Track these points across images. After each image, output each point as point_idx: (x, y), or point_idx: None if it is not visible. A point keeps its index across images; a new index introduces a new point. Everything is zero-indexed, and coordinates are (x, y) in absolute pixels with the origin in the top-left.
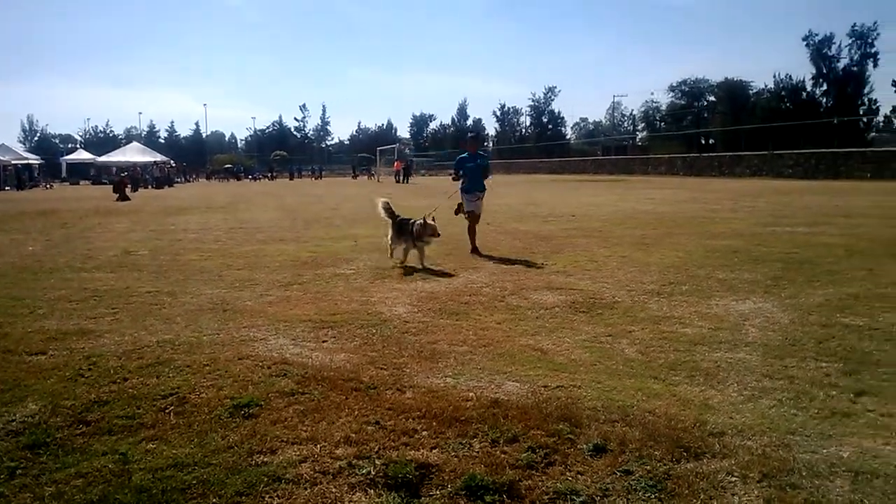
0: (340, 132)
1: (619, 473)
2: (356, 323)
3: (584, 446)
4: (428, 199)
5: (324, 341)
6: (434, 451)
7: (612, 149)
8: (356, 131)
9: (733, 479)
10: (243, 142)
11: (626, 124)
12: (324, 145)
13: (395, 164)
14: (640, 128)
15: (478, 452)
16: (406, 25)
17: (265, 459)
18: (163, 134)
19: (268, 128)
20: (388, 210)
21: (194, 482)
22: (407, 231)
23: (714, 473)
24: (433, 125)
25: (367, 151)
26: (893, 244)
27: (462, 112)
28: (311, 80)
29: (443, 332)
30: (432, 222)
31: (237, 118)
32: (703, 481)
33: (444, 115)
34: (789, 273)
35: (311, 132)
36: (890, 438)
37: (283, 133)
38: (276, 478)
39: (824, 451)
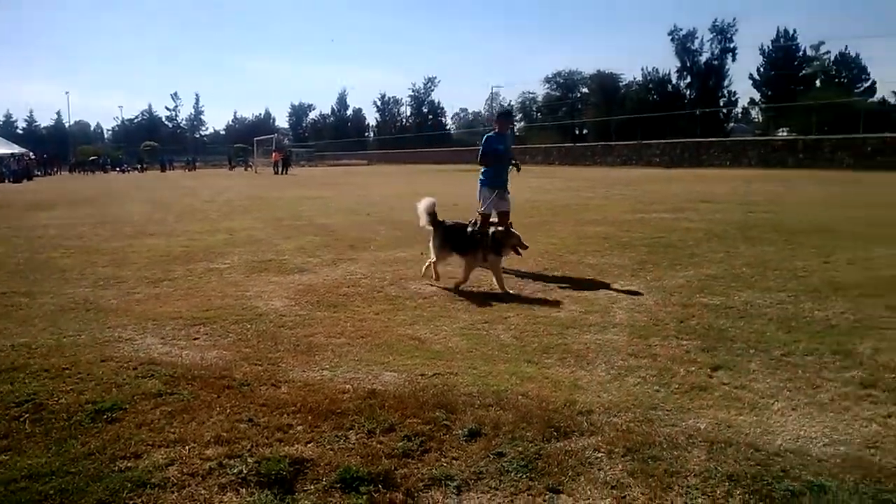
0: (216, 122)
1: (492, 456)
2: (230, 319)
3: (460, 432)
4: (310, 190)
5: (195, 339)
6: (309, 445)
7: None
8: (232, 121)
9: (599, 454)
10: (110, 132)
11: None
12: (198, 135)
13: (274, 154)
14: (517, 118)
15: (354, 444)
16: (284, 12)
17: (129, 465)
18: (21, 124)
19: (136, 117)
20: (432, 214)
21: (52, 493)
22: (469, 241)
23: (582, 450)
24: (313, 115)
25: (244, 142)
26: (748, 228)
27: (342, 102)
28: (184, 68)
29: (320, 324)
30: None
31: (105, 108)
32: (572, 458)
33: (323, 105)
34: (654, 257)
35: (183, 122)
36: (742, 409)
37: (153, 123)
38: (140, 483)
39: (683, 423)
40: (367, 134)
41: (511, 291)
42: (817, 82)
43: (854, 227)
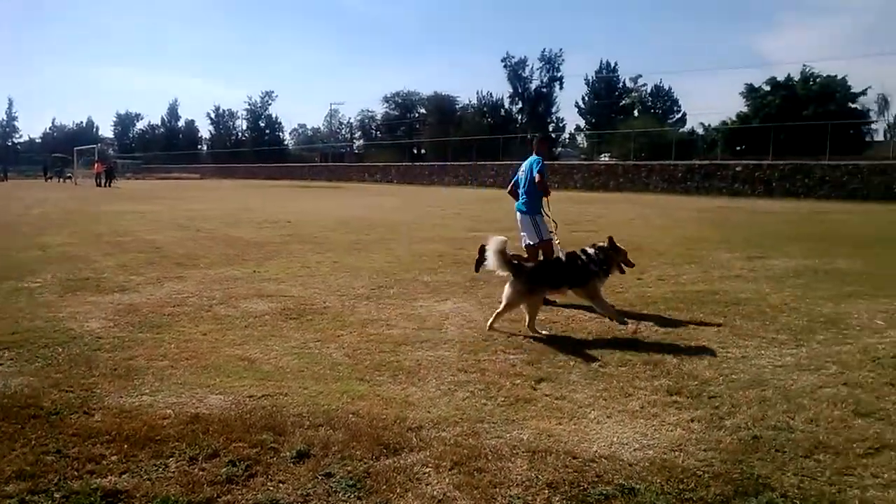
0: (31, 129)
1: (320, 477)
2: (39, 342)
3: (288, 454)
4: (137, 204)
5: None
6: (124, 476)
7: (330, 156)
8: (50, 128)
9: (428, 469)
10: None
11: (343, 132)
12: (10, 143)
13: (96, 165)
14: (357, 136)
15: (174, 472)
16: (110, 18)
17: None
18: None
19: None
20: (504, 257)
21: None
22: (576, 269)
23: (411, 466)
24: (141, 125)
25: (64, 152)
26: (571, 246)
27: (173, 112)
28: None
29: (141, 346)
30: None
31: None
32: (401, 475)
33: (153, 115)
34: (485, 275)
35: None
36: (562, 419)
37: None
38: None
39: (508, 435)
40: (200, 147)
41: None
42: (635, 112)
43: (665, 246)
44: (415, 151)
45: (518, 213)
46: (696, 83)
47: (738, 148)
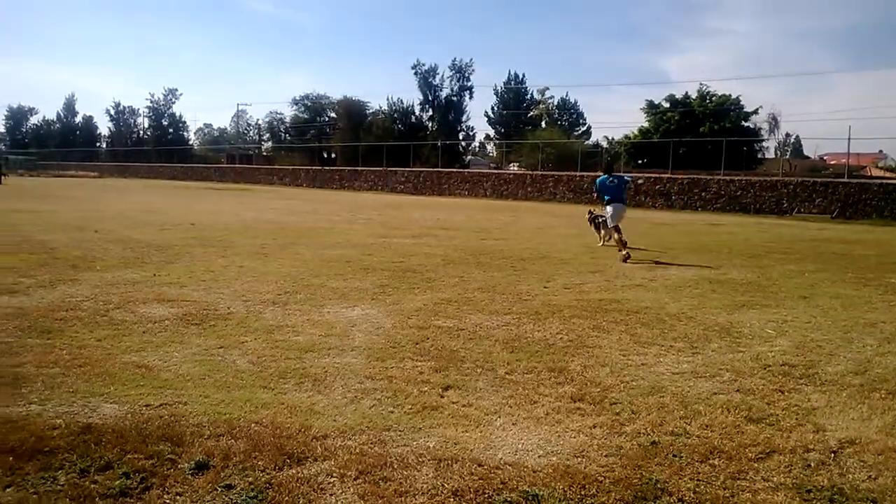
0: None
1: (220, 489)
2: None
3: (186, 465)
4: (29, 202)
5: None
6: (8, 490)
7: (237, 157)
8: None
9: (332, 479)
10: None
11: (251, 133)
12: None
13: None
14: (265, 138)
15: (63, 486)
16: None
17: None
18: None
19: None
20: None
21: None
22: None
23: (315, 476)
24: (35, 120)
25: None
26: (481, 254)
27: (70, 107)
28: None
29: (30, 352)
30: None
31: None
32: (304, 485)
33: (48, 110)
34: (394, 281)
35: None
36: (469, 426)
37: None
38: None
39: (414, 443)
40: (99, 144)
41: None
42: (543, 123)
43: (571, 254)
44: (325, 155)
45: (620, 205)
46: (599, 98)
47: (640, 161)
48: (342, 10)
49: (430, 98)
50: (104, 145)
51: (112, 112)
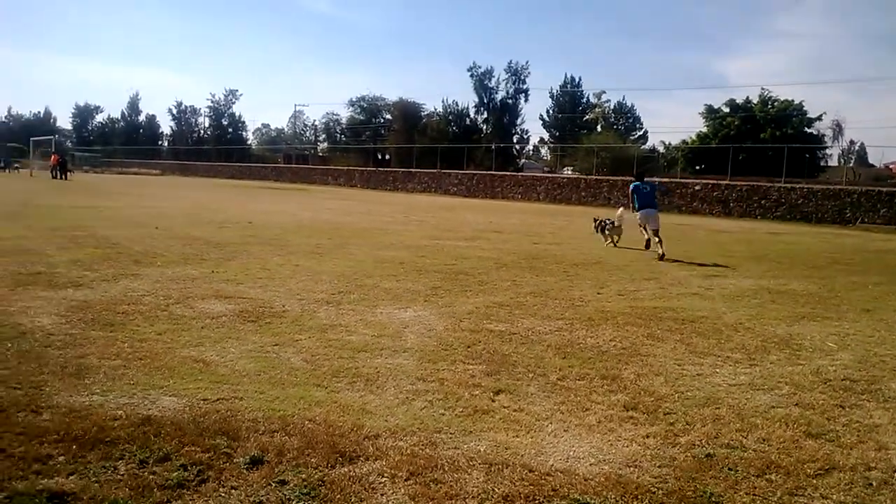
0: None
1: (274, 484)
2: None
3: (241, 459)
4: (94, 198)
5: None
6: (71, 477)
7: (293, 157)
8: (6, 117)
9: (383, 479)
10: None
11: (308, 134)
12: None
13: (52, 157)
14: (321, 139)
15: (123, 475)
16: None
17: None
18: None
19: None
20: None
21: None
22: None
23: (366, 475)
24: (100, 118)
25: (20, 142)
26: (534, 258)
27: (134, 107)
28: None
29: (94, 344)
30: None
31: None
32: (356, 484)
33: (113, 109)
34: (447, 283)
35: None
36: (519, 431)
37: None
38: None
39: (465, 446)
40: (160, 143)
41: None
42: (598, 127)
43: (625, 261)
44: (379, 157)
45: (653, 210)
46: (657, 102)
47: (698, 167)
48: (400, 12)
49: (485, 100)
50: (166, 144)
51: (174, 111)
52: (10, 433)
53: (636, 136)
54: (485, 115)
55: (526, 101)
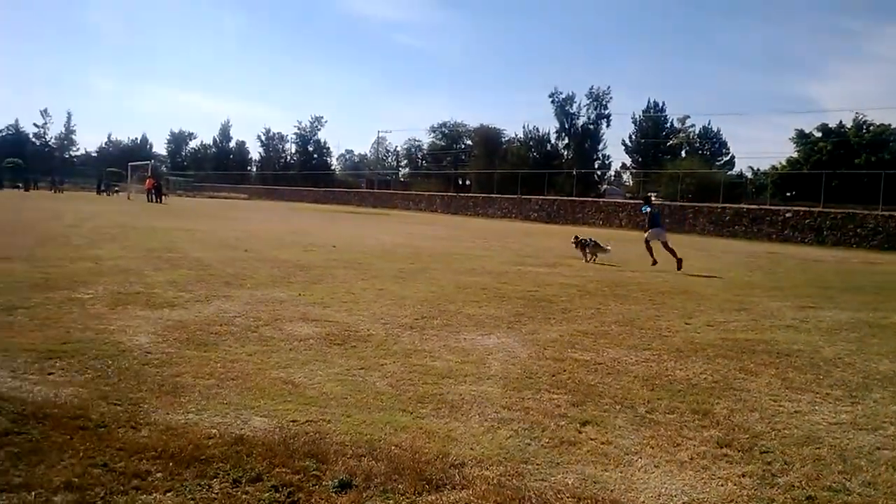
0: (88, 143)
1: None
2: (89, 353)
3: (330, 483)
4: (186, 221)
5: (49, 374)
6: (168, 494)
7: (376, 182)
8: (106, 143)
9: None
10: None
11: (390, 160)
12: (68, 156)
13: (147, 181)
14: (403, 164)
15: (217, 494)
16: (164, 38)
17: None
18: None
19: (1, 132)
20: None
21: None
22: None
23: None
24: (193, 144)
25: (118, 166)
26: (618, 286)
27: (225, 133)
28: (56, 87)
29: (188, 364)
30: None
31: None
32: None
33: (205, 135)
34: (530, 310)
35: (52, 140)
36: (608, 465)
37: (19, 139)
38: None
39: (552, 478)
40: (249, 168)
41: None
42: (682, 153)
43: (713, 290)
44: (460, 182)
45: (661, 228)
46: (744, 127)
47: (789, 194)
48: (481, 42)
49: (566, 126)
50: (254, 169)
51: (262, 138)
52: (112, 448)
53: (722, 162)
54: (566, 141)
55: (608, 126)
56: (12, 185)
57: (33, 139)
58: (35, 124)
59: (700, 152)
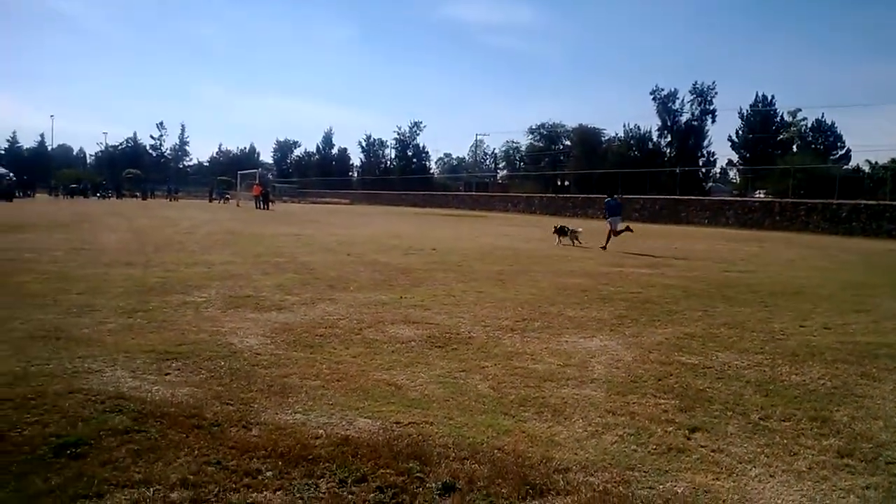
0: (200, 153)
1: None
2: (203, 355)
3: (433, 485)
4: (291, 227)
5: (166, 374)
6: (278, 493)
7: (474, 185)
8: (217, 153)
9: None
10: (93, 157)
11: (488, 162)
12: (181, 166)
13: (255, 188)
14: (501, 166)
15: (324, 493)
16: (272, 50)
17: None
18: (2, 145)
19: (121, 144)
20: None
21: None
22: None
23: None
24: (298, 152)
25: (228, 174)
26: (725, 286)
27: (328, 140)
28: (171, 100)
29: (295, 365)
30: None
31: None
32: None
33: (309, 143)
34: (633, 312)
35: (168, 151)
36: (720, 474)
37: (137, 151)
38: None
39: (661, 486)
40: (351, 173)
41: None
42: (794, 147)
43: (830, 291)
44: (559, 183)
45: (618, 217)
46: (861, 118)
47: None
48: (581, 41)
49: (668, 123)
50: (355, 174)
51: (363, 144)
52: (225, 447)
53: (837, 156)
54: (668, 139)
55: (713, 122)
56: (131, 194)
57: (150, 150)
58: (151, 136)
59: (813, 146)
